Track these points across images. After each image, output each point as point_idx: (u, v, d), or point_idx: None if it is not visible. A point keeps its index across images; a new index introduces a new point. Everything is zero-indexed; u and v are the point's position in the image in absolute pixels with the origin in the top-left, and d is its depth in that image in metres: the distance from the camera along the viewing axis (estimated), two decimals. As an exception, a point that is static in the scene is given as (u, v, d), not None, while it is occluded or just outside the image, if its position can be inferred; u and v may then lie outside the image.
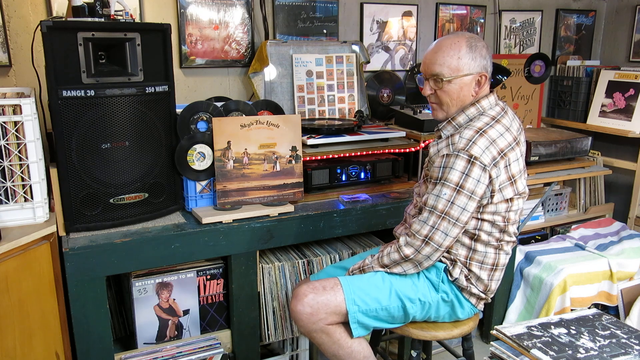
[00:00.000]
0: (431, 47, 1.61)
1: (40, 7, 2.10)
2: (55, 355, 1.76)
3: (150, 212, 1.88)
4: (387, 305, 1.62)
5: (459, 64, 1.56)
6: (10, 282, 1.59)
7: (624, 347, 1.28)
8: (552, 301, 2.39)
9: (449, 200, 1.52)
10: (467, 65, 1.56)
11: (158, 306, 1.90)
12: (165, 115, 1.87)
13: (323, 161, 2.20)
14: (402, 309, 1.63)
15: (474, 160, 1.49)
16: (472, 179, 1.49)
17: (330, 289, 1.61)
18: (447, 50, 1.56)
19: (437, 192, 1.54)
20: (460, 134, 1.55)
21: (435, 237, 1.54)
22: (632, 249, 2.62)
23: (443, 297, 1.64)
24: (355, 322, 1.61)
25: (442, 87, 1.58)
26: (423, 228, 1.56)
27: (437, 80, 1.59)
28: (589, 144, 2.93)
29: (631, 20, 3.37)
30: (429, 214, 1.55)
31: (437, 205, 1.54)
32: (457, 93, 1.58)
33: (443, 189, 1.52)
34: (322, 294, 1.60)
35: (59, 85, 1.63)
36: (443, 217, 1.53)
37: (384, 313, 1.63)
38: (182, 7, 2.34)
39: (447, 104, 1.61)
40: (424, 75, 1.63)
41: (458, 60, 1.55)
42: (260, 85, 2.46)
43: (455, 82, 1.57)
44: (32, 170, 1.69)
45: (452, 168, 1.51)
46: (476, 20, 3.13)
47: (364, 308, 1.61)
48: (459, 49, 1.56)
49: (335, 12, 2.70)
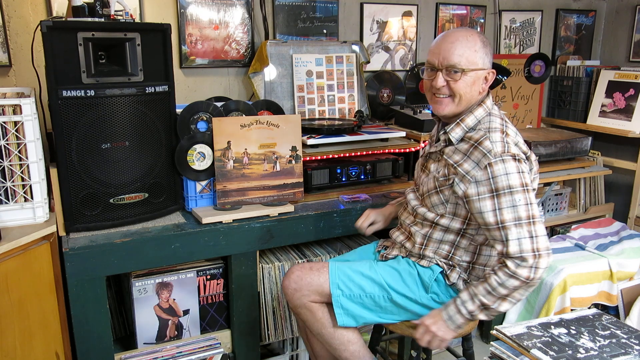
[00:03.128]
0: (444, 38, 1.57)
1: (40, 7, 2.10)
2: (55, 355, 1.76)
3: (150, 212, 1.88)
4: (371, 293, 1.64)
5: (475, 57, 1.54)
6: (10, 282, 1.59)
7: (624, 347, 1.28)
8: (552, 301, 2.38)
9: (527, 203, 1.44)
10: (481, 59, 1.55)
11: (158, 306, 1.90)
12: (165, 115, 1.87)
13: (323, 161, 2.20)
14: (389, 299, 1.64)
15: (518, 158, 1.48)
16: (526, 173, 1.48)
17: (317, 270, 1.67)
18: (465, 42, 1.54)
19: (509, 204, 1.44)
20: (487, 138, 1.50)
21: (541, 244, 1.43)
22: (632, 249, 2.62)
23: (434, 297, 1.64)
24: (339, 307, 1.64)
25: (459, 79, 1.54)
26: (524, 244, 1.42)
27: (453, 71, 1.54)
28: (589, 144, 2.93)
29: (631, 20, 3.37)
30: (519, 227, 1.43)
31: (520, 215, 1.43)
32: (470, 87, 1.55)
33: (514, 196, 1.44)
34: (309, 273, 1.67)
35: (59, 85, 1.63)
36: (533, 222, 1.44)
37: (369, 301, 1.65)
38: (182, 7, 2.34)
39: (459, 97, 1.56)
40: (437, 66, 1.56)
41: (475, 53, 1.53)
42: (260, 85, 2.46)
43: (470, 75, 1.54)
44: (32, 170, 1.69)
45: (507, 173, 1.45)
46: (476, 20, 3.13)
47: (348, 293, 1.64)
48: (475, 42, 1.54)
49: (335, 12, 2.70)
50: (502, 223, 1.45)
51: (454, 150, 1.58)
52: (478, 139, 1.52)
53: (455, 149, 1.58)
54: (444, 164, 1.60)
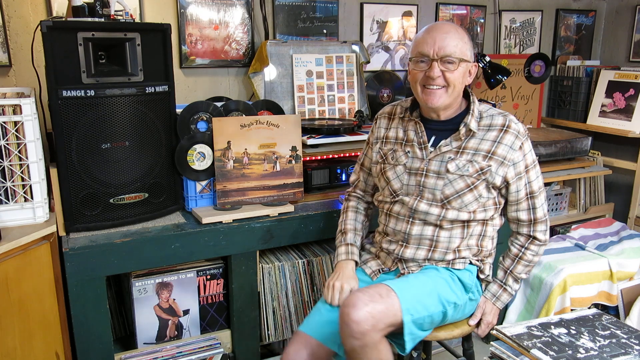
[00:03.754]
0: (436, 29, 1.54)
1: (40, 7, 2.10)
2: (55, 355, 1.76)
3: (150, 212, 1.88)
4: (432, 312, 1.53)
5: (465, 49, 1.55)
6: (10, 282, 1.59)
7: (624, 347, 1.28)
8: (552, 301, 2.38)
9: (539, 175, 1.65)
10: (469, 51, 1.57)
11: (158, 306, 1.90)
12: (165, 115, 1.87)
13: (323, 161, 2.20)
14: (443, 314, 1.57)
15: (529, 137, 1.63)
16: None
17: (386, 296, 1.45)
18: (456, 34, 1.54)
19: (535, 175, 1.62)
20: (512, 121, 1.59)
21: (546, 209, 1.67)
22: (632, 249, 2.62)
23: (470, 296, 1.65)
24: (408, 334, 1.46)
25: (454, 69, 1.53)
26: (545, 208, 1.65)
27: (448, 61, 1.52)
28: (589, 144, 2.93)
29: (631, 20, 3.37)
30: (541, 194, 1.64)
31: (541, 184, 1.64)
32: (462, 77, 1.56)
33: (536, 168, 1.62)
34: (380, 301, 1.43)
35: (59, 85, 1.63)
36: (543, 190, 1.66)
37: (427, 320, 1.53)
38: (182, 7, 2.34)
39: (453, 87, 1.54)
40: (432, 56, 1.52)
41: (465, 45, 1.54)
42: (260, 85, 2.46)
43: (462, 66, 1.54)
44: (32, 170, 1.69)
45: (531, 149, 1.61)
46: (476, 20, 3.13)
47: (416, 317, 1.48)
48: (463, 34, 1.56)
49: (335, 12, 2.70)
50: (531, 194, 1.62)
51: (479, 141, 1.58)
52: (504, 123, 1.59)
53: (480, 139, 1.58)
54: (468, 159, 1.56)
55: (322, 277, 2.10)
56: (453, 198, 1.57)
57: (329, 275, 2.09)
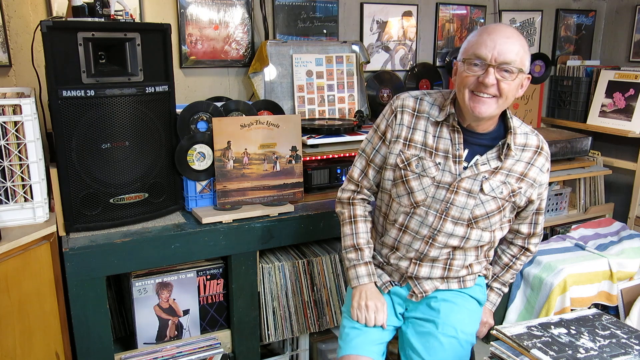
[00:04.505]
0: (497, 31, 1.36)
1: (40, 7, 2.10)
2: (55, 355, 1.76)
3: (150, 212, 1.88)
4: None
5: (525, 59, 1.38)
6: (10, 282, 1.59)
7: (624, 347, 1.28)
8: (552, 301, 2.38)
9: None
10: (528, 62, 1.40)
11: (158, 306, 1.90)
12: (165, 115, 1.87)
13: (323, 161, 2.20)
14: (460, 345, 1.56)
15: None
16: None
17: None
18: (519, 40, 1.36)
19: (546, 194, 1.61)
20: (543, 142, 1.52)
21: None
22: (632, 249, 2.62)
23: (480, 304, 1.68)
24: None
25: (511, 80, 1.36)
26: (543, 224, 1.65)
27: (506, 70, 1.35)
28: (589, 144, 2.93)
29: (631, 20, 3.37)
30: (544, 212, 1.64)
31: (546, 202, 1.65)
32: (515, 90, 1.40)
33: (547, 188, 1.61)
34: None
35: (59, 85, 1.63)
36: None
37: None
38: (182, 7, 2.34)
39: (504, 99, 1.39)
40: (490, 61, 1.34)
41: (525, 54, 1.37)
42: (260, 85, 2.46)
43: (519, 77, 1.38)
44: (32, 170, 1.69)
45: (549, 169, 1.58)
46: (476, 20, 3.13)
47: None
48: (525, 42, 1.38)
49: (335, 12, 2.70)
50: (539, 210, 1.61)
51: (515, 162, 1.47)
52: (538, 144, 1.51)
53: (516, 160, 1.47)
54: (502, 180, 1.47)
55: (322, 277, 2.10)
56: (482, 219, 1.48)
57: (329, 275, 2.10)
